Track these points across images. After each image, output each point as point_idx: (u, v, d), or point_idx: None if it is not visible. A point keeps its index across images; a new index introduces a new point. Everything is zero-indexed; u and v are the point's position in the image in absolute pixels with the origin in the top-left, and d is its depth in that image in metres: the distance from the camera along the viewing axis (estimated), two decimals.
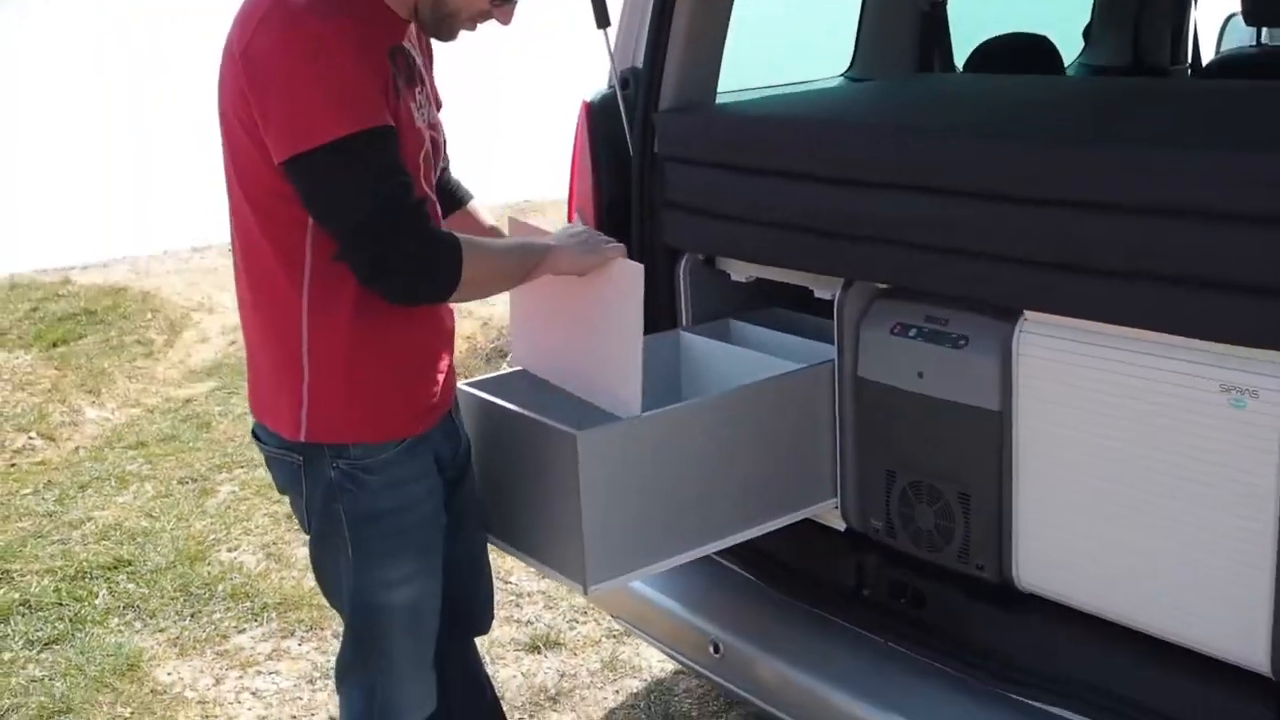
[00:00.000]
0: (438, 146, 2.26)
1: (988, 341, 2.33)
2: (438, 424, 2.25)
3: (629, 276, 2.30)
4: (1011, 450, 2.31)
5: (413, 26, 2.16)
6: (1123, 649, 2.23)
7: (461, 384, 2.43)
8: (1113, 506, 2.18)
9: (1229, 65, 3.98)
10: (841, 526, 2.66)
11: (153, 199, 11.00)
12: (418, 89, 2.16)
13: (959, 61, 3.87)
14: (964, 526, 2.43)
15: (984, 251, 2.26)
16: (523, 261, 2.24)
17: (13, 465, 5.21)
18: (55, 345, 6.73)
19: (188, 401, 5.96)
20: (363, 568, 2.20)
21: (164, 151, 13.24)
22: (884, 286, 2.54)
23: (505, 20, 2.19)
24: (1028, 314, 2.26)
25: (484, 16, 2.17)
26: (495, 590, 2.56)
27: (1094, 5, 4.47)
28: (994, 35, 3.84)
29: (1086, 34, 4.46)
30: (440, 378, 2.24)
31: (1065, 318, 2.19)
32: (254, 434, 2.28)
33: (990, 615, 2.41)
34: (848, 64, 3.78)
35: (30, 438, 5.49)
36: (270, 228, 2.06)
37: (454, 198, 2.47)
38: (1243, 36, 4.88)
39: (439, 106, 2.30)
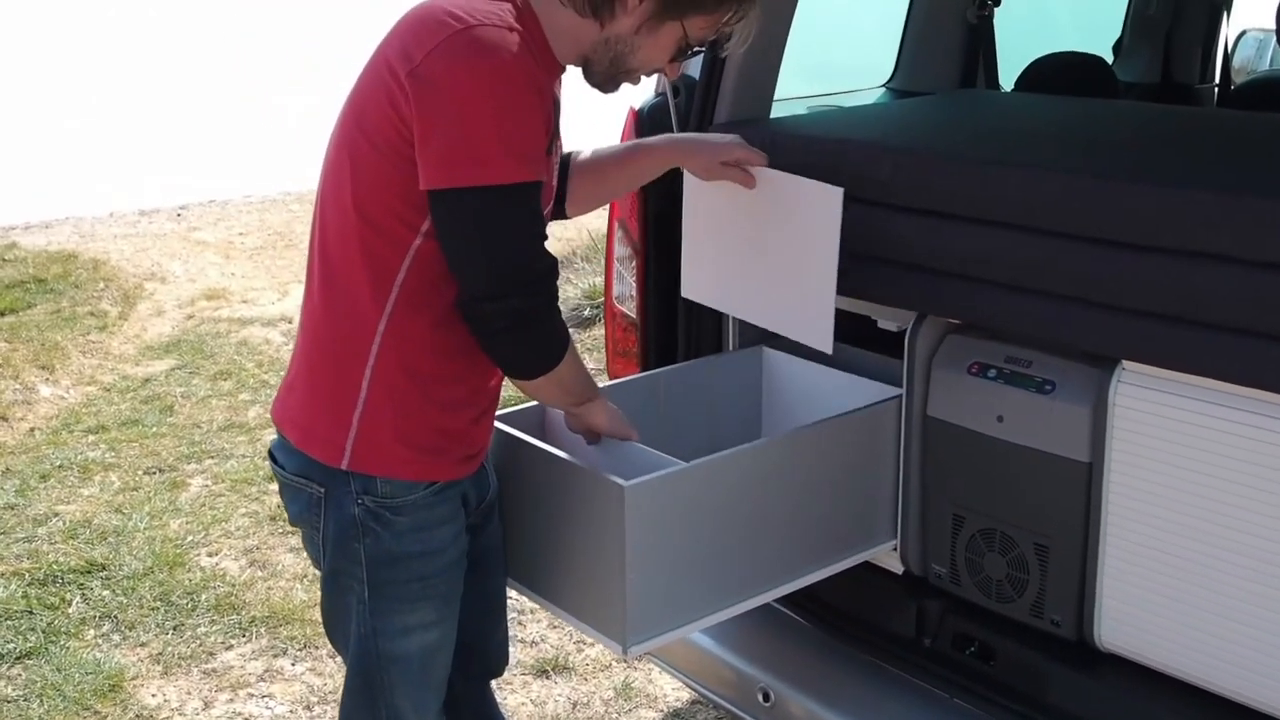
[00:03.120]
0: None
1: (1079, 389, 2.21)
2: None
3: (828, 201, 2.20)
4: (1100, 503, 2.20)
5: None
6: (1211, 718, 2.13)
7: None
8: (1211, 569, 2.07)
9: (1267, 87, 3.88)
10: (899, 570, 2.54)
11: (95, 158, 10.65)
12: (557, 141, 2.08)
13: (1002, 76, 3.74)
14: (1039, 579, 2.31)
15: (1082, 297, 2.14)
16: (584, 390, 2.16)
17: None
18: (3, 314, 6.43)
19: (146, 381, 5.71)
20: (377, 612, 2.06)
21: (111, 109, 12.87)
22: (955, 321, 2.41)
23: (673, 75, 2.12)
24: (1126, 363, 2.14)
25: (654, 71, 2.08)
26: None
27: (1126, 19, 4.36)
28: (1047, 53, 3.71)
29: (1116, 48, 4.34)
30: (490, 424, 2.14)
31: (1169, 370, 2.07)
32: (271, 455, 2.13)
33: (1067, 675, 2.30)
34: (889, 75, 3.63)
35: None
36: (374, 242, 1.94)
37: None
38: (1250, 53, 4.81)
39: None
